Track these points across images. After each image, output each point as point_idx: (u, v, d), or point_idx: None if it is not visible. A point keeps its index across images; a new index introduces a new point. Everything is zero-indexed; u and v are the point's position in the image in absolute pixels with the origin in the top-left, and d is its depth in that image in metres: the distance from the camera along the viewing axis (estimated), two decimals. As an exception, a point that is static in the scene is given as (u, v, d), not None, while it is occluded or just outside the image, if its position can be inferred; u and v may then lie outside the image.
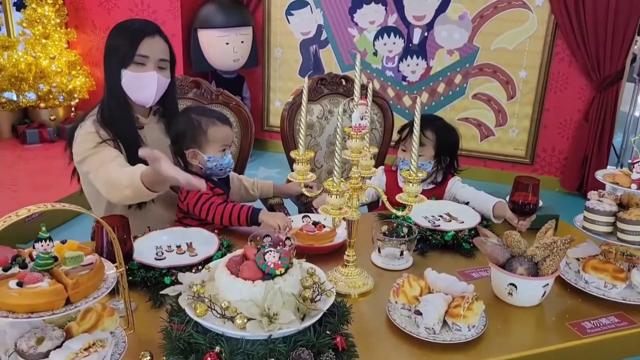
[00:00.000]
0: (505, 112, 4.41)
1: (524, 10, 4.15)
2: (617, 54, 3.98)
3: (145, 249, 1.50)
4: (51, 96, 4.54)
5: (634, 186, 1.34)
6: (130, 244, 1.27)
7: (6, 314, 0.90)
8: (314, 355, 1.05)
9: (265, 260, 1.11)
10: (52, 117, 4.60)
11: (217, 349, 1.04)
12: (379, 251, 1.52)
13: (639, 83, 4.61)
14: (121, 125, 1.73)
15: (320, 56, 4.71)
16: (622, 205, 1.41)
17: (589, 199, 1.44)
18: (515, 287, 1.31)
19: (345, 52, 4.65)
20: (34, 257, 0.97)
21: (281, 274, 1.10)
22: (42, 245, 0.96)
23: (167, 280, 1.38)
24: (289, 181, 2.35)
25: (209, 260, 1.44)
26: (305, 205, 2.25)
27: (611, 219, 1.38)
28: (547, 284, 1.31)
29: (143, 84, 1.72)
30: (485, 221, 1.72)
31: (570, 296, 1.40)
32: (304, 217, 1.76)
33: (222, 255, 1.46)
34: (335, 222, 1.32)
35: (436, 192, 1.97)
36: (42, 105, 4.55)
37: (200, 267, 1.36)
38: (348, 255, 1.41)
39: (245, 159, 2.37)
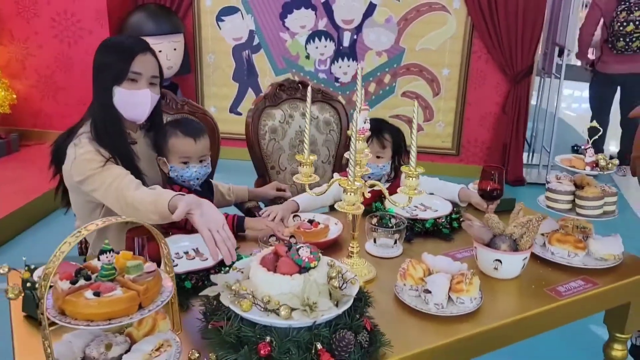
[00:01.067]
0: (432, 107, 4.72)
1: (444, 13, 4.47)
2: (527, 51, 4.40)
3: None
4: (-30, 112, 4.30)
5: (587, 168, 1.59)
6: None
7: (86, 322, 0.95)
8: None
9: (299, 255, 1.22)
10: (-28, 134, 4.36)
11: (268, 338, 1.14)
12: (375, 241, 1.67)
13: (544, 76, 5.09)
14: (116, 142, 1.75)
15: (254, 61, 4.80)
16: (577, 186, 1.65)
17: (548, 182, 1.68)
18: (500, 262, 1.51)
19: (279, 57, 4.77)
20: (97, 268, 1.03)
21: (314, 267, 1.23)
22: (106, 257, 1.02)
23: (187, 284, 1.44)
24: (258, 185, 2.48)
25: (222, 262, 1.52)
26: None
27: (570, 197, 1.62)
28: (526, 257, 1.53)
29: (137, 101, 1.76)
30: (455, 207, 1.92)
31: (541, 266, 1.62)
32: (294, 216, 1.87)
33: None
34: (348, 217, 1.46)
35: (394, 187, 2.14)
36: (-39, 122, 4.30)
37: (221, 268, 1.45)
38: (352, 247, 1.55)
39: (213, 166, 2.44)
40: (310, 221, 1.78)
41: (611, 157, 1.66)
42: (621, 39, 4.35)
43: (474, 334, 1.33)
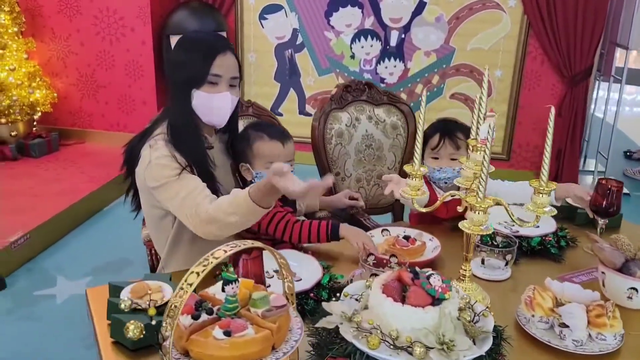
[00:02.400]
0: (482, 110, 4.52)
1: (498, 11, 4.27)
2: (587, 51, 4.18)
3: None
4: (11, 111, 4.21)
5: None
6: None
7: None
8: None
9: (431, 284, 1.06)
10: (12, 133, 4.27)
11: (403, 383, 0.99)
12: (483, 262, 1.50)
13: (599, 79, 4.86)
14: (192, 148, 1.61)
15: (297, 60, 4.64)
16: None
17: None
18: (636, 290, 1.33)
19: (322, 56, 4.61)
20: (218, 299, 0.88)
21: (448, 298, 1.06)
22: (231, 288, 0.86)
23: None
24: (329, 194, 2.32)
25: (319, 284, 1.36)
26: (352, 217, 2.20)
27: None
28: (665, 286, 1.34)
29: (216, 105, 1.62)
30: (561, 226, 1.74)
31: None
32: (383, 230, 1.71)
33: (330, 279, 1.39)
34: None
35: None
36: (2, 121, 4.21)
37: (320, 291, 1.29)
38: (464, 269, 1.38)
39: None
40: (406, 237, 1.62)
41: None
42: None
43: (622, 376, 1.15)
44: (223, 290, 0.87)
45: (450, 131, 1.86)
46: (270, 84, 4.73)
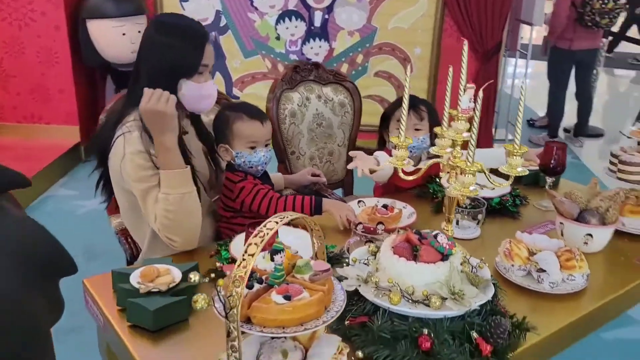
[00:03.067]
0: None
1: (415, -10, 4.47)
2: (496, 28, 4.49)
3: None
4: None
5: (660, 140, 1.64)
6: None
7: (279, 329, 0.86)
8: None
9: (439, 242, 1.17)
10: None
11: (425, 331, 1.09)
12: (457, 223, 1.64)
13: (505, 54, 5.23)
14: None
15: (221, 43, 4.59)
16: (643, 157, 1.70)
17: (617, 155, 1.71)
18: (592, 236, 1.52)
19: (247, 38, 4.59)
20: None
21: (454, 253, 1.18)
22: (280, 257, 0.92)
23: None
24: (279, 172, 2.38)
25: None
26: (316, 193, 2.28)
27: (641, 169, 1.67)
28: (613, 231, 1.55)
29: (204, 94, 1.62)
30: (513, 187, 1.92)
31: (617, 238, 1.65)
32: (359, 202, 1.81)
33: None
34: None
35: (436, 166, 2.12)
36: None
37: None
38: (447, 230, 1.50)
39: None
40: (384, 206, 1.72)
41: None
42: (605, 16, 4.55)
43: (594, 309, 1.33)
44: (272, 259, 0.92)
45: (414, 104, 1.98)
46: (194, 68, 4.64)
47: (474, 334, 1.10)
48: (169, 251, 1.63)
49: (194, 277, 0.92)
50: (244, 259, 0.84)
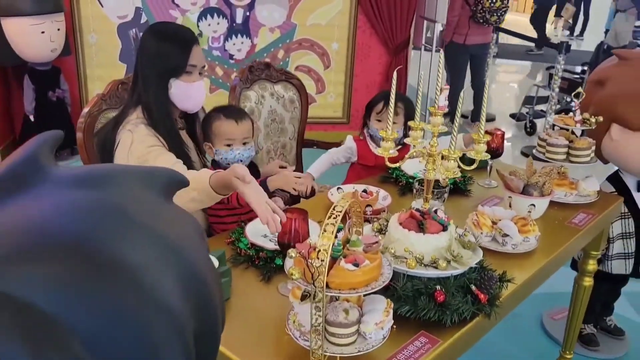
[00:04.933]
0: (324, 80, 5.01)
1: (331, -11, 4.75)
2: (405, 24, 4.90)
3: (255, 232, 1.64)
4: None
5: (578, 125, 2.03)
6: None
7: (352, 291, 1.08)
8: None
9: (439, 216, 1.45)
10: None
11: (438, 287, 1.36)
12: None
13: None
14: (170, 132, 1.75)
15: (142, 40, 4.58)
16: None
17: (544, 139, 2.09)
18: (534, 206, 1.88)
19: (169, 35, 4.62)
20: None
21: (451, 224, 1.46)
22: (341, 234, 1.14)
23: (278, 261, 1.52)
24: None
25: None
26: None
27: (564, 149, 2.06)
28: (549, 201, 1.92)
29: (193, 93, 1.77)
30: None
31: (549, 207, 2.03)
32: (338, 189, 2.04)
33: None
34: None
35: (403, 153, 2.42)
36: None
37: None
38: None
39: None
40: (364, 191, 1.97)
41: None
42: (494, 14, 5.10)
43: (546, 262, 1.68)
44: (336, 237, 1.14)
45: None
46: (115, 66, 4.59)
47: (473, 287, 1.39)
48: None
49: (293, 253, 1.11)
50: (324, 235, 1.05)
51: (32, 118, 4.23)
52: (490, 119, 6.21)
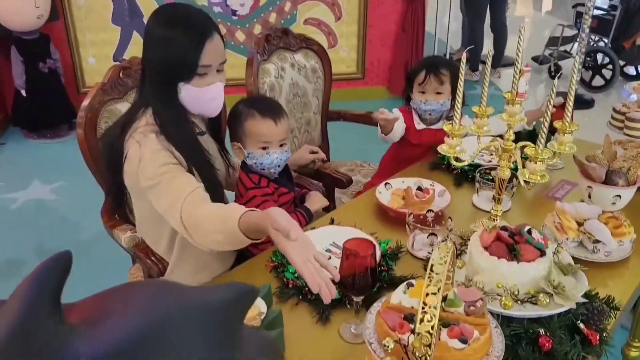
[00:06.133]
0: (335, 33, 4.62)
1: None
2: (422, -33, 4.47)
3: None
4: None
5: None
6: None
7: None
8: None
9: (535, 239, 1.17)
10: None
11: (542, 330, 1.10)
12: (477, 193, 1.66)
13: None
14: (186, 138, 1.44)
15: (136, -1, 4.18)
16: (645, 112, 1.79)
17: (622, 112, 1.79)
18: (620, 197, 1.60)
19: (165, -9, 4.21)
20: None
21: (549, 247, 1.19)
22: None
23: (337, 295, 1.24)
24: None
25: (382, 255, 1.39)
26: (317, 171, 2.20)
27: (646, 124, 1.76)
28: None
29: (208, 98, 1.44)
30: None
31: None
32: (385, 184, 1.76)
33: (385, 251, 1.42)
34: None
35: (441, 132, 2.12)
36: None
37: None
38: (496, 210, 1.51)
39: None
40: (419, 188, 1.69)
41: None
42: None
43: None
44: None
45: (435, 68, 1.96)
46: (108, 29, 4.21)
47: (582, 326, 1.13)
48: (200, 258, 1.53)
49: (389, 344, 0.84)
50: (424, 312, 0.78)
51: (23, 93, 3.90)
52: (509, 63, 5.82)
